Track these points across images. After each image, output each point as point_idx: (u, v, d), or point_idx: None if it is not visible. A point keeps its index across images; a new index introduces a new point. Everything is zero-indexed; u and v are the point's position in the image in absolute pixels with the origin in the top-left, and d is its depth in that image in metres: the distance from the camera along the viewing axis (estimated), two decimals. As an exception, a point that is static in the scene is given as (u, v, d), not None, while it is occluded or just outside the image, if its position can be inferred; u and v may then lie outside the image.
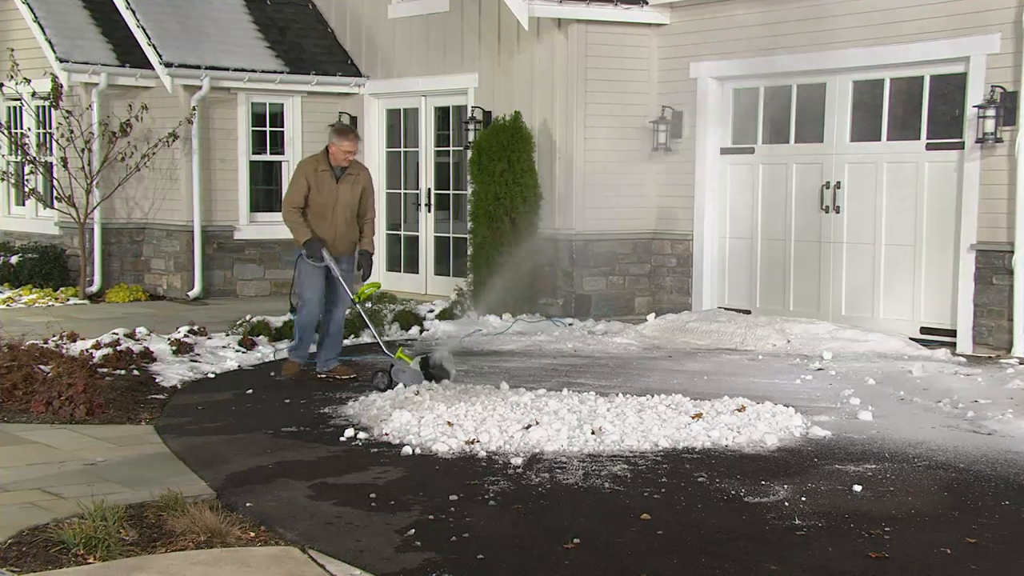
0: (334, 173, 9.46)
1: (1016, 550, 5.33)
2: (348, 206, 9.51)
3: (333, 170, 9.46)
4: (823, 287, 12.09)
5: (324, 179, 9.43)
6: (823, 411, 8.14)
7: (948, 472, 6.63)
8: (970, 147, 10.68)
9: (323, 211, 9.42)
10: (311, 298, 9.50)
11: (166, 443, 7.46)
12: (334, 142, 9.45)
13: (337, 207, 9.45)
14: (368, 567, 5.10)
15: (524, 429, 7.28)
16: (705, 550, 5.31)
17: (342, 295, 9.57)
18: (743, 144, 12.92)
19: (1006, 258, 10.42)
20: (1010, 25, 10.33)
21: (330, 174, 9.46)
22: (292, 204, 9.42)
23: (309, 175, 9.42)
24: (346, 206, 9.50)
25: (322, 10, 16.65)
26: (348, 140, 9.45)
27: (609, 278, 13.30)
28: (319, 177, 9.42)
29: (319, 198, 9.40)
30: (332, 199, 9.43)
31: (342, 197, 9.46)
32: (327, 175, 9.45)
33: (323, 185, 9.41)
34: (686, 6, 12.97)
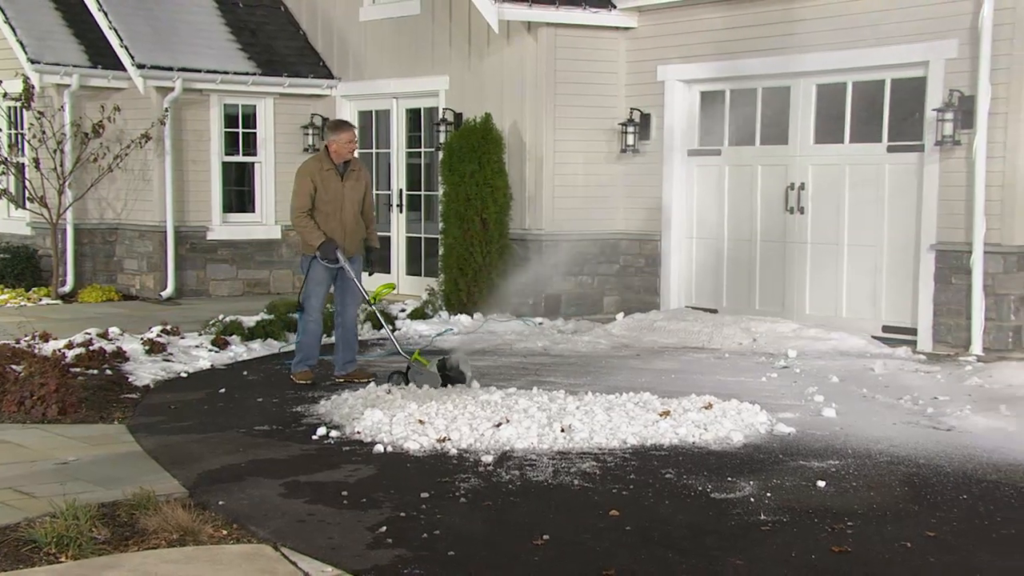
0: (338, 171, 9.23)
1: (973, 543, 5.38)
2: (355, 203, 9.28)
3: (337, 168, 9.23)
4: (788, 287, 12.16)
5: (329, 178, 9.17)
6: (788, 408, 8.18)
7: (909, 467, 6.68)
8: (929, 150, 10.77)
9: (331, 210, 9.15)
10: (316, 307, 9.28)
11: (139, 442, 7.41)
12: (332, 138, 9.21)
13: (344, 205, 9.21)
14: (340, 564, 5.09)
15: (495, 427, 7.28)
16: (672, 545, 5.33)
17: (355, 295, 9.35)
18: (710, 146, 12.97)
19: (964, 258, 10.51)
20: (967, 31, 10.42)
21: (334, 172, 9.20)
22: (301, 208, 9.12)
23: (314, 176, 9.15)
24: (353, 203, 9.27)
25: (294, 12, 16.59)
26: (346, 132, 9.25)
27: (578, 277, 13.32)
28: (324, 176, 9.16)
29: (326, 197, 9.14)
30: (339, 197, 9.19)
31: (348, 195, 9.23)
32: (332, 174, 9.19)
33: (329, 184, 9.16)
34: (653, 10, 13.01)
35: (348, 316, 9.44)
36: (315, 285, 9.26)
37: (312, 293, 9.27)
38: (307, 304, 9.27)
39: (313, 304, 9.29)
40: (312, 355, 9.38)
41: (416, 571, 5.01)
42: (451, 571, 5.02)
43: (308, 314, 9.30)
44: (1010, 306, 10.38)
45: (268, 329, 11.27)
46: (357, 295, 9.36)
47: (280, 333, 11.29)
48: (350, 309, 9.44)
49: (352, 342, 9.47)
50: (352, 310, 9.47)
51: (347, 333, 9.42)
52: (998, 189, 10.33)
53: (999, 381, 8.89)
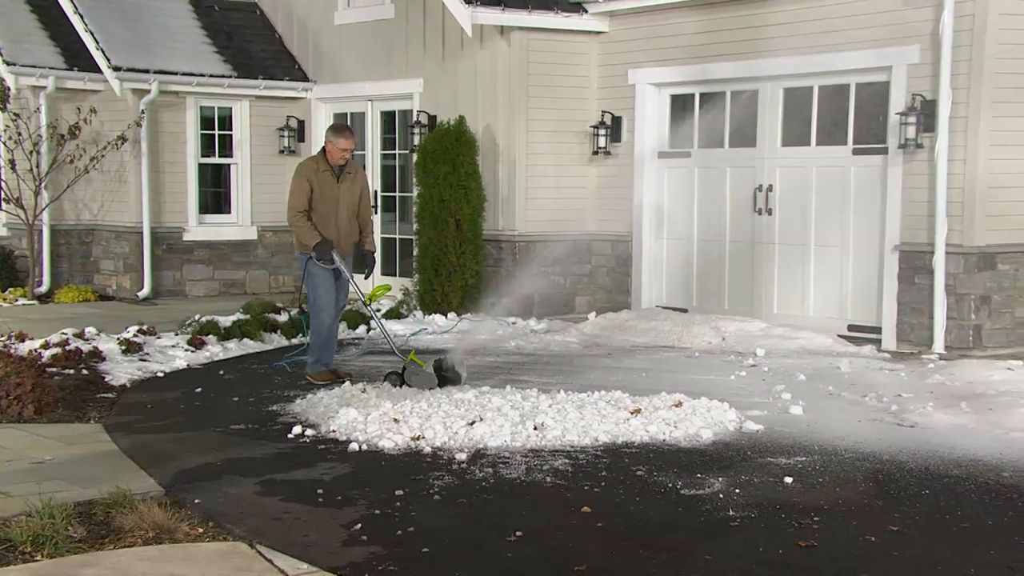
0: (334, 173, 9.13)
1: (935, 536, 5.43)
2: (350, 205, 9.20)
3: (333, 170, 9.13)
4: (756, 286, 12.21)
5: (326, 179, 9.08)
6: (756, 406, 8.21)
7: (873, 463, 6.72)
8: (893, 152, 10.85)
9: (327, 211, 9.07)
10: (328, 303, 9.13)
11: (115, 441, 7.37)
12: (331, 140, 9.09)
13: (340, 207, 9.13)
14: (315, 561, 5.08)
15: (468, 425, 7.28)
16: (643, 541, 5.35)
17: (345, 296, 9.27)
18: (680, 148, 13.01)
19: (927, 258, 10.59)
20: (928, 37, 10.50)
21: (331, 174, 9.10)
22: (297, 208, 9.02)
23: (311, 176, 9.05)
24: (348, 205, 9.19)
25: (270, 16, 16.54)
26: (345, 137, 9.12)
27: (551, 278, 13.33)
28: (321, 177, 9.07)
29: (322, 198, 9.05)
30: (335, 199, 9.10)
31: (344, 197, 9.15)
32: (328, 175, 9.10)
33: (325, 185, 9.07)
34: (624, 15, 13.04)
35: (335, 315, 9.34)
36: (320, 281, 9.10)
37: (320, 288, 9.11)
38: (317, 302, 9.11)
39: (323, 299, 9.12)
40: (329, 355, 9.26)
41: (390, 568, 5.00)
42: (425, 568, 5.02)
43: (321, 311, 9.13)
44: (971, 305, 10.46)
45: (244, 329, 11.22)
46: (344, 298, 9.27)
47: (256, 333, 11.25)
48: (339, 308, 9.35)
49: (334, 340, 9.41)
50: (340, 310, 9.38)
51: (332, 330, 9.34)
52: (959, 191, 10.41)
53: (960, 379, 8.94)
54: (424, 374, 8.54)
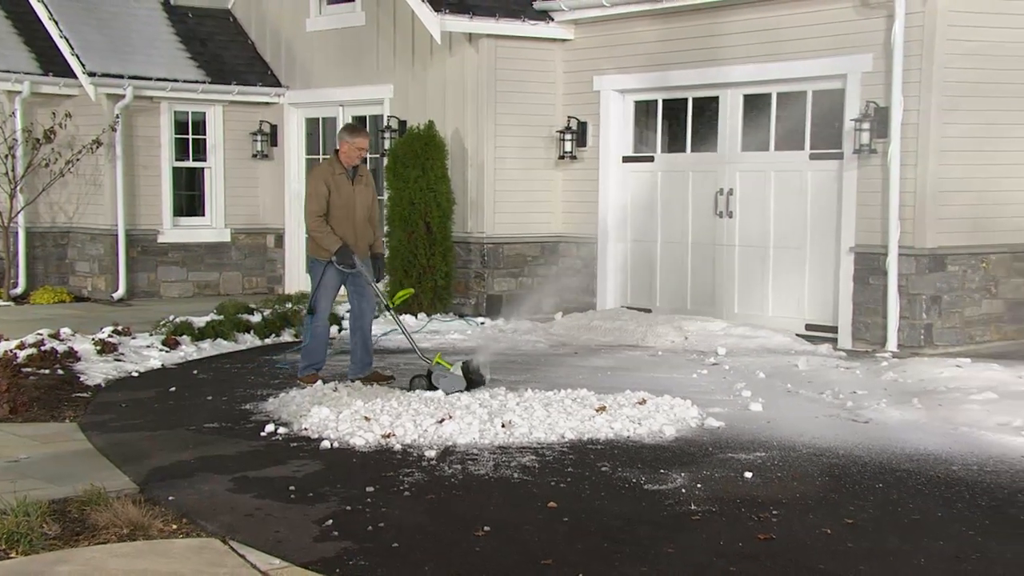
0: (349, 175, 8.85)
1: (888, 529, 5.47)
2: (365, 207, 8.95)
3: (347, 172, 8.85)
4: (718, 287, 12.27)
5: (341, 182, 8.80)
6: (717, 403, 8.23)
7: (830, 458, 6.76)
8: (848, 157, 10.93)
9: (344, 214, 8.79)
10: (326, 310, 8.97)
11: (90, 440, 7.30)
12: (347, 140, 8.82)
13: (356, 209, 8.86)
14: (287, 556, 5.05)
15: (437, 423, 7.26)
16: (608, 535, 5.36)
17: (370, 299, 9.05)
18: (644, 153, 13.06)
19: (881, 260, 10.67)
20: (881, 46, 10.59)
21: (346, 176, 8.82)
22: (316, 212, 8.73)
23: (328, 179, 8.77)
24: (364, 207, 8.92)
25: (242, 23, 16.45)
26: (362, 136, 8.89)
27: (519, 279, 13.35)
28: (337, 180, 8.78)
29: (339, 201, 8.77)
30: (351, 201, 8.83)
31: (359, 199, 8.89)
32: (344, 177, 8.82)
33: (342, 188, 8.78)
34: (589, 23, 13.07)
35: (366, 320, 9.05)
36: (327, 289, 8.92)
37: (323, 296, 8.93)
38: (317, 307, 8.93)
39: (323, 308, 8.96)
40: (321, 359, 9.08)
41: (361, 562, 4.99)
42: (395, 562, 5.01)
43: (318, 317, 8.96)
44: (922, 305, 10.56)
45: (218, 330, 11.15)
46: (372, 299, 9.07)
47: (230, 334, 11.18)
48: (368, 313, 9.09)
49: (369, 345, 9.13)
50: (369, 315, 9.11)
51: (364, 336, 9.08)
52: (911, 195, 10.50)
53: (912, 376, 9.02)
54: (452, 376, 8.33)
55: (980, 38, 10.51)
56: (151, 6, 16.12)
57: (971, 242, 10.76)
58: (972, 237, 10.76)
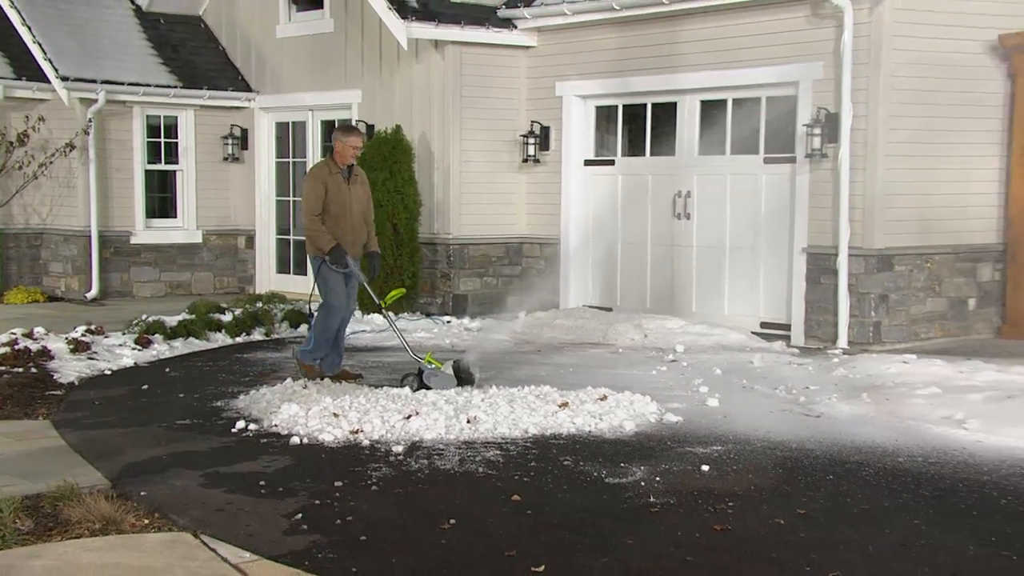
0: (344, 175, 8.73)
1: (838, 518, 5.51)
2: (361, 207, 8.88)
3: (343, 172, 8.72)
4: (676, 287, 12.32)
5: (338, 182, 8.67)
6: (676, 399, 8.25)
7: (783, 451, 6.80)
8: (800, 161, 11.01)
9: (340, 213, 8.66)
10: (339, 305, 8.79)
11: (63, 437, 7.22)
12: (342, 139, 8.67)
13: (352, 209, 8.74)
14: (257, 550, 5.03)
15: (404, 419, 7.24)
16: (569, 527, 5.36)
17: (354, 301, 8.98)
18: (605, 156, 13.09)
19: (832, 260, 10.76)
20: (831, 55, 10.68)
21: (342, 176, 8.69)
22: (312, 212, 8.59)
23: (325, 180, 8.63)
24: (359, 206, 8.81)
25: (214, 29, 16.33)
26: (355, 135, 8.74)
27: (484, 279, 13.34)
28: (333, 180, 8.65)
29: (337, 201, 8.64)
30: (347, 201, 8.70)
31: (355, 198, 8.77)
32: (339, 177, 8.69)
33: (338, 188, 8.66)
34: (551, 31, 13.09)
35: (345, 318, 9.01)
36: (334, 283, 8.75)
37: (332, 290, 8.76)
38: (330, 304, 8.76)
39: (335, 301, 8.76)
40: (322, 354, 8.90)
41: (330, 555, 4.97)
42: (363, 554, 4.99)
43: (330, 312, 8.76)
44: (871, 304, 10.66)
45: (190, 328, 11.07)
46: (354, 300, 8.99)
47: (201, 332, 11.10)
48: (348, 315, 9.01)
49: (342, 345, 9.05)
50: (349, 316, 9.04)
51: (342, 335, 9.01)
52: (860, 198, 10.59)
53: (861, 372, 9.09)
54: (443, 375, 8.27)
55: (922, 48, 10.63)
56: (123, 12, 15.98)
57: (917, 243, 10.88)
58: (918, 238, 10.87)
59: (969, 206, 11.21)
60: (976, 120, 11.12)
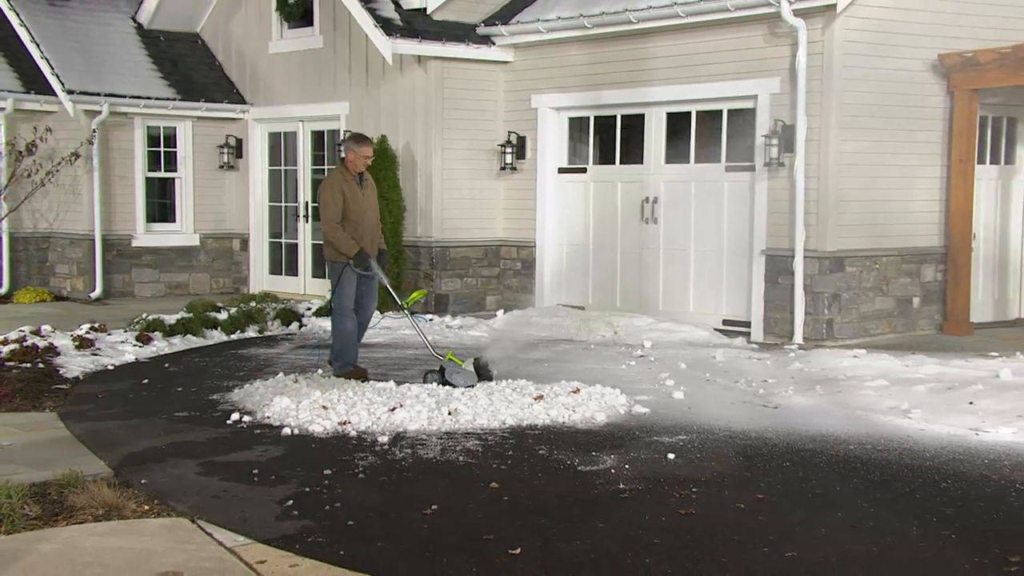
0: (357, 182, 8.67)
1: (794, 503, 5.54)
2: (374, 211, 8.80)
3: (356, 179, 8.66)
4: (644, 286, 12.34)
5: (353, 188, 8.60)
6: (644, 391, 8.27)
7: (743, 440, 6.84)
8: (759, 170, 11.05)
9: (358, 219, 8.58)
10: (350, 307, 8.70)
11: (68, 428, 7.18)
12: (354, 149, 8.63)
13: (367, 213, 8.68)
14: (251, 534, 5.01)
15: (389, 411, 7.23)
16: (544, 513, 5.37)
17: (374, 298, 8.88)
18: (577, 165, 13.10)
19: (788, 262, 10.80)
20: (787, 71, 10.73)
21: (355, 183, 8.64)
22: (335, 219, 8.49)
23: (343, 188, 8.55)
24: (373, 211, 8.77)
25: (210, 46, 16.25)
26: (367, 145, 8.71)
27: (464, 279, 13.33)
28: (349, 188, 8.58)
29: (354, 206, 8.57)
30: (362, 206, 8.64)
31: (368, 203, 8.71)
32: (354, 184, 8.62)
33: (354, 194, 8.59)
34: (527, 47, 13.09)
35: (366, 318, 8.89)
36: (349, 287, 8.67)
37: (345, 295, 8.68)
38: (341, 306, 8.68)
39: (348, 304, 8.70)
40: (352, 355, 8.77)
41: (319, 539, 4.95)
42: (350, 538, 4.98)
43: (344, 316, 8.69)
44: (824, 302, 10.71)
45: (188, 326, 11.01)
46: (375, 298, 8.91)
47: (198, 330, 11.04)
48: (368, 311, 8.92)
49: (360, 339, 8.93)
50: (370, 313, 8.94)
51: (360, 333, 8.91)
52: (814, 204, 10.64)
53: (816, 366, 9.13)
54: (465, 372, 8.17)
55: (871, 66, 10.70)
56: (126, 30, 15.89)
57: (866, 246, 10.94)
58: (867, 242, 10.94)
59: (914, 212, 11.29)
60: (920, 132, 11.20)
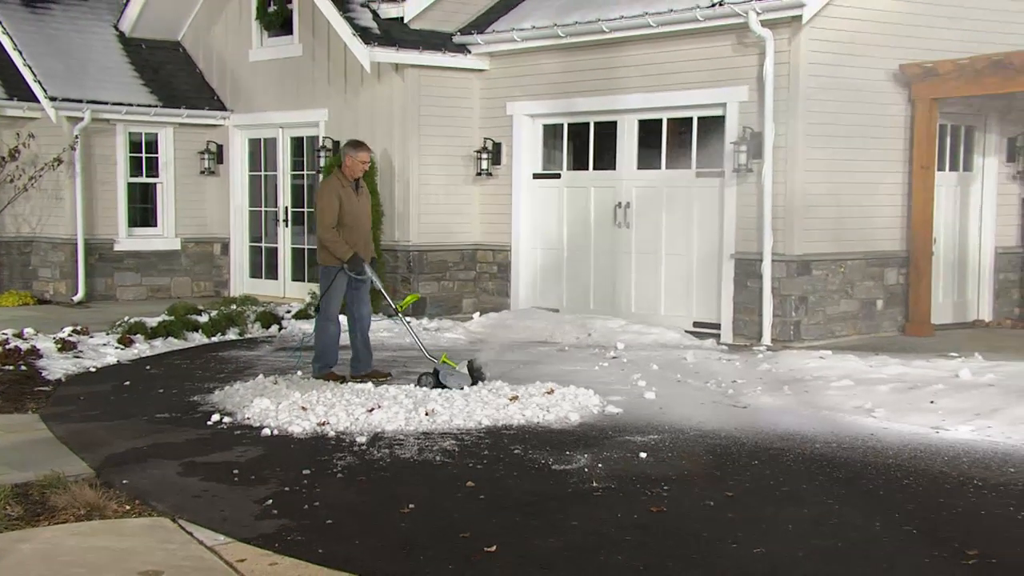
0: (353, 187, 8.58)
1: (762, 500, 5.57)
2: (368, 216, 8.73)
3: (352, 185, 8.58)
4: (617, 289, 12.36)
5: (349, 194, 8.52)
6: (616, 392, 8.26)
7: (713, 440, 6.86)
8: (728, 176, 11.11)
9: (354, 224, 8.52)
10: (336, 312, 8.65)
11: (51, 429, 7.11)
12: (351, 154, 8.53)
13: (362, 218, 8.62)
14: (231, 533, 4.98)
15: (368, 412, 7.21)
16: (519, 510, 5.37)
17: (368, 302, 8.82)
18: (551, 170, 13.12)
19: (757, 265, 10.86)
20: (755, 80, 10.79)
21: (351, 189, 8.55)
22: (330, 224, 8.42)
23: (340, 193, 8.46)
24: (367, 217, 8.72)
25: (191, 53, 16.16)
26: (364, 151, 8.61)
27: (441, 283, 13.31)
28: (345, 193, 8.49)
29: (350, 212, 8.49)
30: (357, 211, 8.57)
31: (363, 209, 8.65)
32: (350, 190, 8.54)
33: (350, 200, 8.51)
34: (502, 55, 13.10)
35: (365, 323, 8.76)
36: (337, 293, 8.62)
37: (333, 300, 8.63)
38: (327, 310, 8.62)
39: (334, 310, 8.64)
40: (333, 359, 8.73)
41: (298, 537, 4.93)
42: (329, 537, 4.96)
43: (329, 320, 8.63)
44: (792, 304, 10.78)
45: (169, 329, 10.94)
46: (369, 303, 8.84)
47: (180, 332, 10.97)
48: (367, 317, 8.83)
49: (369, 345, 8.89)
50: (368, 318, 8.87)
51: (364, 338, 8.76)
52: (782, 208, 10.71)
53: (784, 366, 9.17)
54: (459, 374, 8.12)
55: (836, 75, 10.78)
56: (108, 37, 15.77)
57: (832, 250, 11.02)
58: (833, 245, 11.02)
59: (877, 217, 11.38)
60: (883, 140, 11.29)
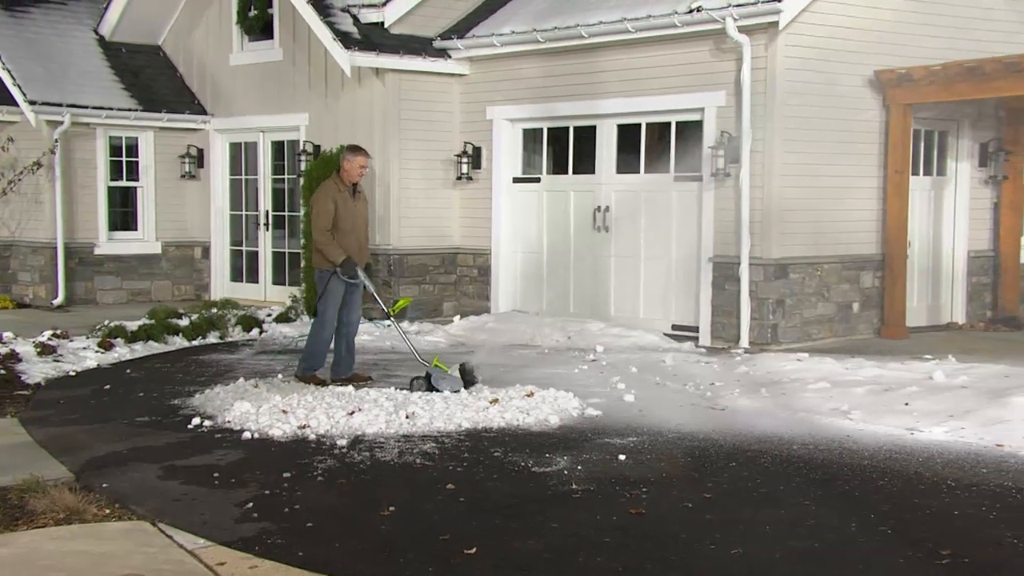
0: (350, 192, 8.56)
1: (740, 501, 5.58)
2: (364, 221, 8.71)
3: (349, 189, 8.55)
4: (597, 292, 12.37)
5: (346, 198, 8.50)
6: (596, 395, 8.25)
7: (691, 442, 6.87)
8: (707, 180, 11.14)
9: (349, 228, 8.50)
10: (332, 317, 8.61)
11: (30, 433, 7.05)
12: (349, 159, 8.51)
13: (358, 223, 8.59)
14: (211, 536, 4.95)
15: (348, 415, 7.19)
16: (499, 512, 5.36)
17: (359, 306, 8.80)
18: (531, 174, 13.12)
19: (734, 269, 10.90)
20: (732, 85, 10.83)
21: (348, 193, 8.52)
22: (324, 228, 8.40)
23: (336, 197, 8.44)
24: (364, 221, 8.68)
25: (172, 57, 16.07)
26: (363, 155, 8.56)
27: (422, 286, 13.29)
28: (342, 197, 8.47)
29: (345, 215, 8.46)
30: (353, 216, 8.55)
31: (360, 213, 8.63)
32: (347, 194, 8.51)
33: (346, 204, 8.49)
34: (482, 60, 13.10)
35: (352, 328, 8.77)
36: (334, 297, 8.58)
37: (330, 304, 8.59)
38: (325, 317, 8.58)
39: (331, 314, 8.60)
40: (321, 363, 8.70)
41: (278, 540, 4.90)
42: (309, 540, 4.94)
43: (325, 324, 8.60)
44: (769, 308, 10.82)
45: (149, 332, 10.87)
46: (359, 309, 8.82)
47: (160, 336, 10.90)
48: (355, 323, 8.82)
49: (353, 350, 8.87)
50: (357, 323, 8.87)
51: (349, 343, 8.77)
52: (759, 212, 10.75)
53: (761, 369, 9.20)
54: (451, 378, 8.08)
55: (812, 80, 10.83)
56: (88, 41, 15.67)
57: (809, 253, 11.07)
58: (809, 249, 11.07)
59: (853, 221, 11.44)
60: (858, 145, 11.36)
